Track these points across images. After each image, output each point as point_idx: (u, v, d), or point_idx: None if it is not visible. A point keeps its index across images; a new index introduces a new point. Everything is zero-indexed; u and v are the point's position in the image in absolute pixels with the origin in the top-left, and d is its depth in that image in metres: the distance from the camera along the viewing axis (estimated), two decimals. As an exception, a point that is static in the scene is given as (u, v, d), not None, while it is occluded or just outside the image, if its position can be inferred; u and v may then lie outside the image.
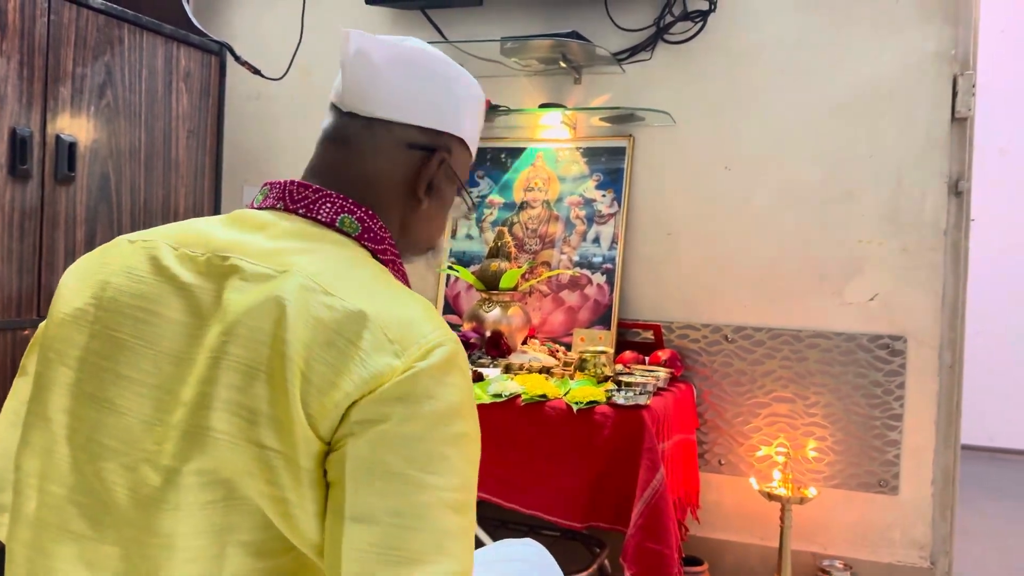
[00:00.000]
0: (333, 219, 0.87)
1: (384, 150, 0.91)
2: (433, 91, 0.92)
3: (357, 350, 0.70)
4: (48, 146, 1.91)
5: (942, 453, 2.22)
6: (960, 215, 2.22)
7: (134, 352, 0.78)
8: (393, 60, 0.91)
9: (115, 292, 0.81)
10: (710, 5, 2.36)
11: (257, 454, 0.70)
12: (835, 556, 2.26)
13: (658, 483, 1.74)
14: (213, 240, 0.82)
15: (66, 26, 1.93)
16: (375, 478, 0.68)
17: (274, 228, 0.84)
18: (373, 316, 0.72)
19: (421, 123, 0.91)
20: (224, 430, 0.71)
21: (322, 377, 0.69)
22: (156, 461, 0.73)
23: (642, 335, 2.41)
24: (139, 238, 0.85)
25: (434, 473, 0.69)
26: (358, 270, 0.80)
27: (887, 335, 2.23)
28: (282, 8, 2.84)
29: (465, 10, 2.60)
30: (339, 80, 0.93)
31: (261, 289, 0.74)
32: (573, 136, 2.52)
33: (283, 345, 0.70)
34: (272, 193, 0.89)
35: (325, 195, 0.87)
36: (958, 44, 2.19)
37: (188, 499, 0.71)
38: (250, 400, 0.71)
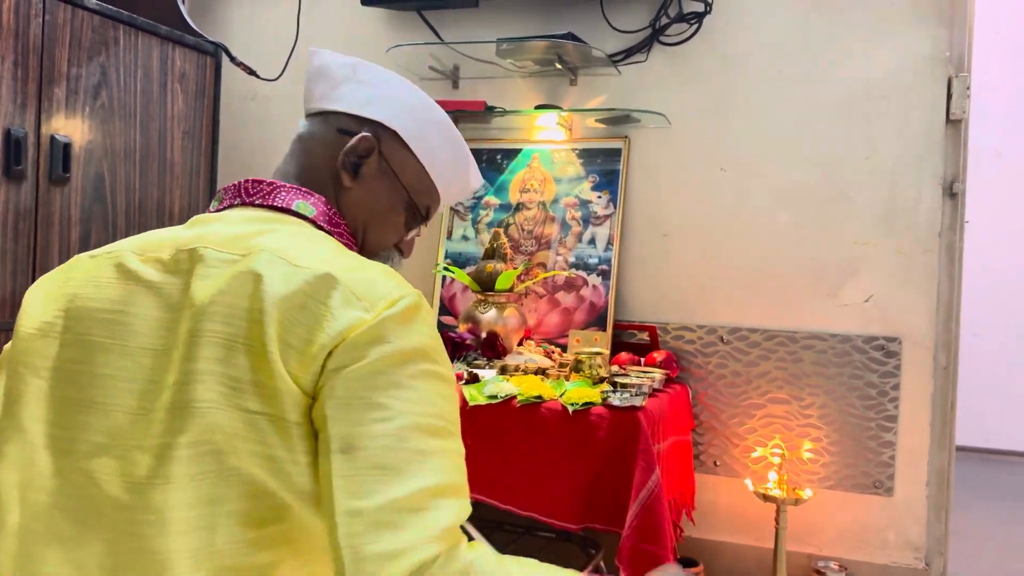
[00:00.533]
0: (289, 204, 0.93)
1: (323, 138, 0.99)
2: (369, 88, 1.00)
3: (328, 308, 0.75)
4: (43, 147, 1.91)
5: (937, 454, 2.23)
6: (955, 217, 2.23)
7: (110, 352, 0.81)
8: (345, 66, 1.00)
9: (83, 302, 0.85)
10: (706, 7, 2.36)
11: (244, 418, 0.74)
12: (830, 557, 2.26)
13: (653, 484, 1.74)
14: (176, 240, 0.86)
15: (61, 26, 1.93)
16: (352, 410, 0.73)
17: (232, 217, 0.90)
18: (340, 278, 0.77)
19: (351, 110, 0.99)
20: (210, 399, 0.74)
21: (299, 338, 0.74)
22: (144, 444, 0.76)
23: (638, 336, 2.41)
24: (101, 252, 0.90)
25: (407, 400, 0.74)
26: (319, 244, 0.85)
27: (882, 336, 2.23)
28: (278, 9, 2.84)
29: (461, 11, 2.60)
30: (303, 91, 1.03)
31: (230, 270, 0.79)
32: (569, 137, 2.52)
33: (260, 315, 0.75)
34: (227, 195, 0.95)
35: (279, 186, 0.94)
36: (953, 46, 2.20)
37: (179, 471, 0.74)
38: (232, 370, 0.75)
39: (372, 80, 1.01)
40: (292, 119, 2.83)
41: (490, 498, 1.85)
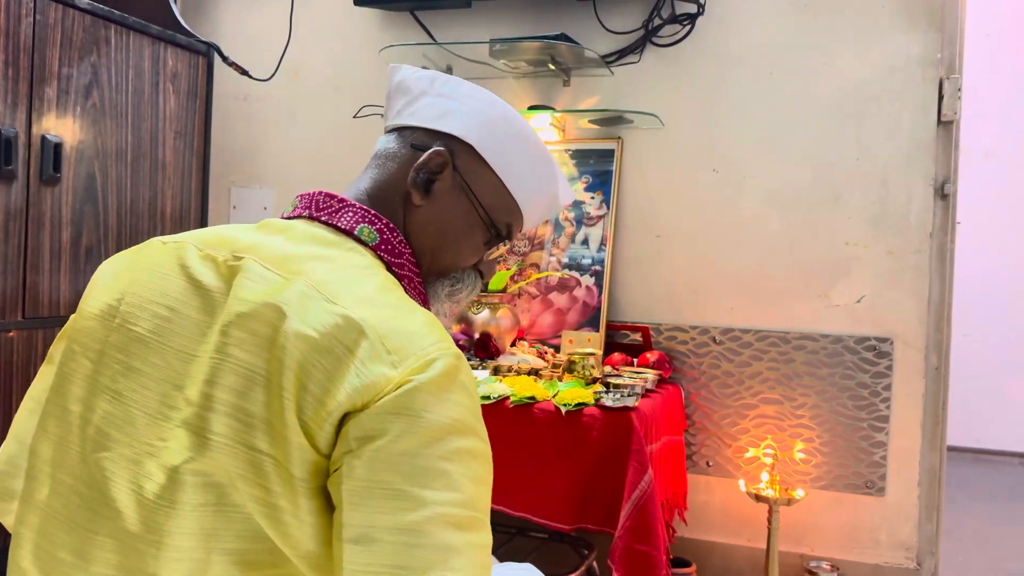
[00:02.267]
0: (353, 227, 0.88)
1: (396, 154, 0.94)
2: (448, 101, 0.95)
3: (353, 358, 0.69)
4: (33, 146, 1.90)
5: (928, 454, 2.24)
6: (946, 218, 2.23)
7: (147, 346, 0.79)
8: (419, 78, 0.97)
9: (140, 288, 0.83)
10: (698, 8, 2.36)
11: (250, 457, 0.70)
12: (822, 557, 2.27)
13: (646, 485, 1.74)
14: (236, 243, 0.83)
15: (52, 26, 1.92)
16: (373, 498, 0.67)
17: (295, 231, 0.85)
18: (373, 325, 0.71)
19: (425, 124, 0.94)
20: (221, 432, 0.71)
21: (318, 384, 0.69)
22: (161, 458, 0.74)
23: (630, 337, 2.41)
24: (171, 240, 0.88)
25: (433, 489, 0.68)
26: (367, 280, 0.79)
27: (873, 337, 2.24)
28: (270, 9, 2.83)
29: (454, 12, 2.60)
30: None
31: (263, 292, 0.75)
32: (562, 138, 2.53)
33: (281, 352, 0.71)
34: (301, 203, 0.91)
35: (348, 205, 0.89)
36: (944, 48, 2.21)
37: (183, 498, 0.72)
38: (247, 403, 0.71)
39: (450, 92, 0.96)
40: (284, 119, 2.83)
41: (483, 499, 1.84)
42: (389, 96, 0.99)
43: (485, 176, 0.95)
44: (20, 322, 1.90)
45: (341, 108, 2.71)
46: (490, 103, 0.97)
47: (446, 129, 0.93)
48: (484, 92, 0.98)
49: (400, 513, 0.67)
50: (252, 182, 2.87)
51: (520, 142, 0.98)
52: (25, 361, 1.92)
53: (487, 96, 0.97)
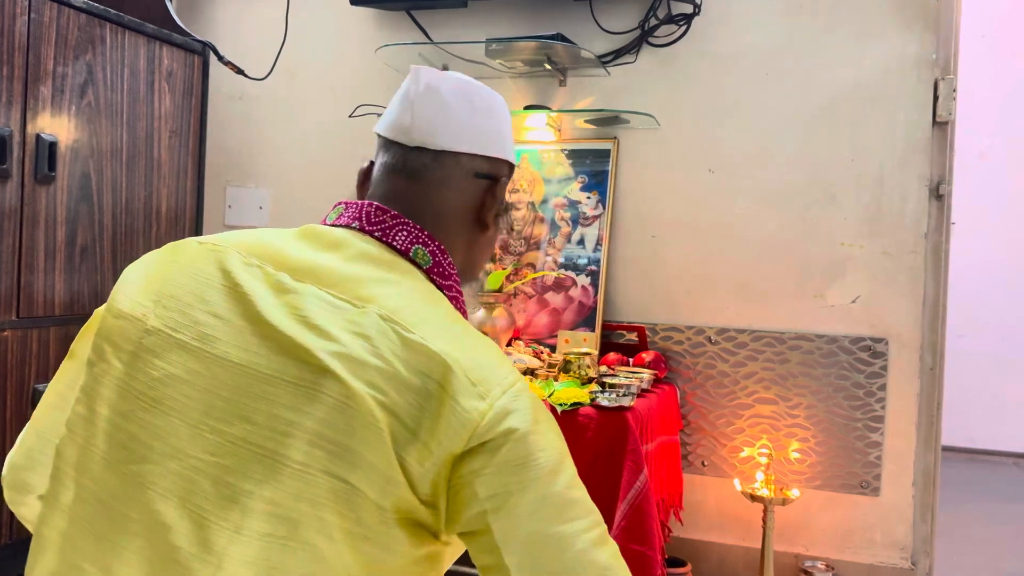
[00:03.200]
0: (408, 248, 0.88)
1: (454, 181, 0.93)
2: (491, 121, 0.96)
3: (447, 395, 0.71)
4: (28, 145, 1.90)
5: (923, 454, 2.24)
6: (941, 218, 2.24)
7: (187, 351, 0.77)
8: (457, 94, 0.94)
9: (177, 290, 0.81)
10: (694, 8, 2.37)
11: (334, 487, 0.70)
12: (817, 557, 2.27)
13: (641, 484, 1.74)
14: (287, 257, 0.82)
15: (47, 25, 1.92)
16: (533, 548, 0.72)
17: (349, 249, 0.84)
18: (456, 358, 0.73)
19: (486, 152, 0.94)
20: (302, 461, 0.70)
21: (415, 421, 0.71)
22: (219, 476, 0.72)
23: (626, 337, 2.42)
24: (209, 241, 0.86)
25: (575, 519, 0.73)
26: (434, 307, 0.80)
27: (869, 337, 2.25)
28: (266, 8, 2.83)
29: (450, 12, 2.59)
30: (399, 114, 0.94)
31: (342, 319, 0.75)
32: (558, 138, 2.53)
33: (367, 386, 0.71)
34: (347, 212, 0.90)
35: (402, 222, 0.88)
36: (939, 49, 2.21)
37: (251, 525, 0.70)
38: (333, 432, 0.71)
39: (487, 109, 0.96)
40: (280, 119, 2.83)
41: (478, 499, 1.85)
42: (415, 106, 0.93)
43: (508, 181, 1.00)
44: (15, 321, 1.90)
45: (337, 107, 2.71)
46: (503, 106, 0.99)
47: (502, 156, 0.96)
48: (499, 97, 0.99)
49: (559, 553, 0.72)
50: (247, 181, 2.87)
51: (510, 127, 1.01)
52: (19, 361, 1.91)
53: (500, 100, 0.99)
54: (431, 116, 0.92)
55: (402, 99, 0.94)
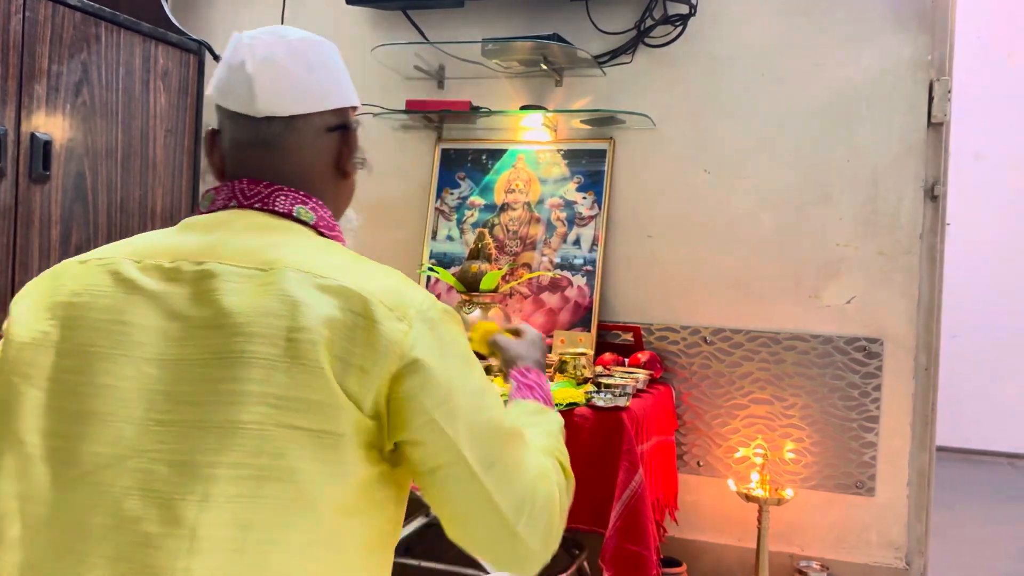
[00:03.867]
0: (290, 209, 0.92)
1: (309, 141, 0.96)
2: (329, 74, 0.99)
3: (371, 323, 0.79)
4: (23, 144, 1.89)
5: (917, 455, 2.25)
6: (936, 219, 2.24)
7: (112, 361, 0.80)
8: (292, 56, 0.95)
9: (79, 310, 0.83)
10: (690, 9, 2.37)
11: (288, 435, 0.75)
12: (812, 557, 2.28)
13: (637, 484, 1.74)
14: (179, 248, 0.86)
15: (42, 23, 1.91)
16: (477, 436, 0.83)
17: (236, 223, 0.89)
18: (371, 291, 0.81)
19: (332, 105, 0.98)
20: (255, 420, 0.75)
21: (345, 351, 0.78)
22: (175, 459, 0.75)
23: (622, 337, 2.42)
24: (92, 257, 0.88)
25: (495, 402, 0.88)
26: (334, 254, 0.87)
27: (864, 338, 2.25)
28: (261, 7, 2.83)
29: (446, 11, 2.59)
30: (237, 87, 0.94)
31: (254, 286, 0.80)
32: (554, 138, 2.53)
33: (307, 333, 0.77)
34: (221, 195, 0.93)
35: (277, 188, 0.93)
36: (934, 50, 2.22)
37: (217, 491, 0.74)
38: (277, 388, 0.76)
39: (322, 62, 0.98)
40: (276, 118, 2.82)
41: (474, 499, 1.84)
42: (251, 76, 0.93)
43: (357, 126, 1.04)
44: (9, 321, 1.89)
45: (333, 107, 2.71)
46: (334, 51, 1.01)
47: (347, 103, 1.00)
48: (328, 43, 1.01)
49: (496, 434, 0.86)
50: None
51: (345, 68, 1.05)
52: (14, 360, 1.90)
53: (333, 50, 1.02)
54: (273, 85, 0.94)
55: (237, 70, 0.94)
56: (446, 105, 2.48)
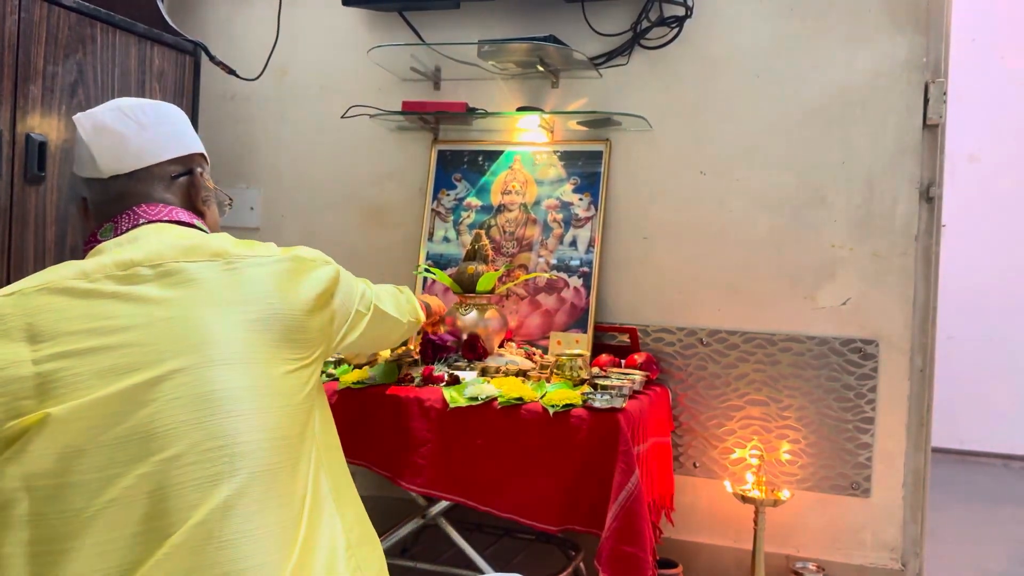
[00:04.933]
0: (192, 222, 1.14)
1: (156, 187, 1.13)
2: (163, 128, 1.14)
3: (311, 271, 1.12)
4: (18, 145, 1.89)
5: (913, 456, 2.25)
6: (931, 221, 2.25)
7: (100, 353, 0.91)
8: (122, 119, 1.11)
9: (45, 327, 0.92)
10: (686, 11, 2.37)
11: (285, 367, 1.03)
12: (808, 558, 2.28)
13: (633, 486, 1.74)
14: (121, 260, 0.99)
15: (37, 24, 1.91)
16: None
17: (158, 234, 1.06)
18: (291, 254, 1.11)
19: (170, 156, 1.14)
20: (261, 355, 1.00)
21: (299, 292, 1.08)
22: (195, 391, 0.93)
23: (618, 338, 2.42)
24: (22, 287, 0.98)
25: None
26: (254, 245, 1.09)
27: (859, 339, 2.25)
28: (257, 8, 2.82)
29: (442, 13, 2.59)
30: (84, 157, 1.11)
31: (222, 272, 1.01)
32: (550, 140, 2.53)
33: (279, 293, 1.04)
34: (123, 222, 1.09)
35: (173, 208, 1.13)
36: (929, 52, 2.22)
37: (240, 408, 0.97)
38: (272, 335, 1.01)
39: (154, 120, 1.14)
40: (271, 119, 2.82)
41: (470, 500, 1.84)
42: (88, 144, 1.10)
43: (205, 166, 1.24)
44: (3, 322, 1.88)
45: (329, 108, 2.71)
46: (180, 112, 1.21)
47: (188, 152, 1.18)
48: (168, 107, 1.19)
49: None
50: (239, 182, 2.86)
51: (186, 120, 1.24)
52: (8, 361, 1.90)
53: (164, 105, 1.19)
54: (109, 148, 1.09)
55: (79, 143, 1.11)
56: (442, 106, 2.48)
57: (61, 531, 0.84)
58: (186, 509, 0.86)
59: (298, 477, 0.97)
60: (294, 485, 0.96)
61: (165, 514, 0.85)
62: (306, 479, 0.99)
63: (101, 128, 1.09)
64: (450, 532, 2.00)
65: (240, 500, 0.88)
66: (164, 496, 0.86)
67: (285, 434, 0.96)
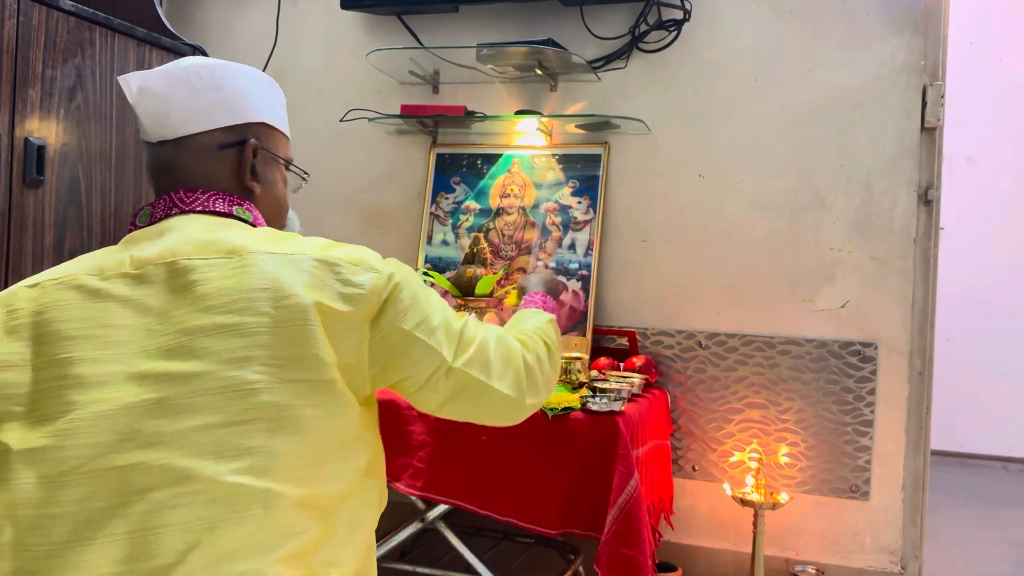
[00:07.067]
0: (230, 210, 1.02)
1: (202, 159, 1.03)
2: (219, 94, 1.04)
3: (337, 279, 0.92)
4: (16, 149, 1.88)
5: (912, 459, 2.25)
6: (929, 223, 2.25)
7: (96, 364, 0.86)
8: (172, 82, 1.02)
9: (49, 327, 0.88)
10: (684, 15, 2.38)
11: (294, 388, 0.86)
12: (807, 561, 2.28)
13: (632, 489, 1.74)
14: (138, 256, 0.93)
15: (35, 28, 1.91)
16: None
17: (184, 226, 0.97)
18: (325, 256, 0.93)
19: (221, 124, 1.04)
20: (262, 380, 0.85)
21: (330, 308, 0.90)
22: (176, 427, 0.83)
23: (617, 341, 2.42)
24: (43, 279, 0.94)
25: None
26: (287, 239, 0.97)
27: (858, 342, 2.25)
28: (256, 12, 2.83)
29: (440, 16, 2.60)
30: (138, 118, 1.05)
31: (233, 272, 0.90)
32: (549, 143, 2.53)
33: (289, 299, 0.88)
34: (158, 208, 1.01)
35: (213, 194, 1.02)
36: (927, 55, 2.22)
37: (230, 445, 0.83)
38: (274, 351, 0.86)
39: (211, 84, 1.03)
40: (271, 123, 2.82)
41: (468, 503, 1.84)
42: (135, 107, 1.03)
43: (278, 138, 1.11)
44: (2, 326, 1.88)
45: (327, 111, 2.71)
46: (252, 76, 1.09)
47: (243, 120, 1.05)
48: (240, 67, 1.08)
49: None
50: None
51: (273, 91, 1.12)
52: (7, 365, 1.89)
53: (245, 70, 1.08)
54: (154, 112, 1.02)
55: (132, 107, 1.04)
56: (441, 110, 2.48)
57: (41, 564, 0.80)
58: (170, 554, 0.79)
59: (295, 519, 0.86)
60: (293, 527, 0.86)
61: (147, 557, 0.79)
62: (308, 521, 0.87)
63: (145, 90, 1.01)
64: (449, 536, 2.00)
65: (230, 544, 0.81)
66: (145, 539, 0.79)
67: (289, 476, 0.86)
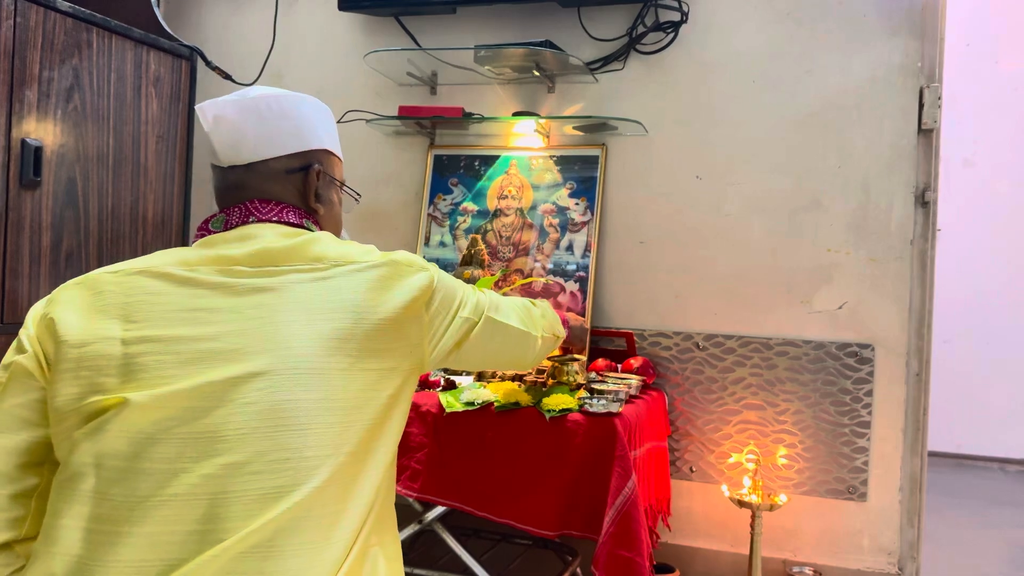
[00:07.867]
0: (301, 222, 1.12)
1: (271, 181, 1.13)
2: (286, 123, 1.13)
3: (403, 279, 1.06)
4: (13, 150, 1.88)
5: (909, 460, 2.25)
6: (926, 225, 2.25)
7: (195, 341, 0.94)
8: (244, 112, 1.11)
9: (141, 309, 0.96)
10: (682, 16, 2.38)
11: (366, 376, 0.99)
12: (805, 562, 2.28)
13: (629, 490, 1.74)
14: (224, 256, 1.02)
15: (33, 29, 1.91)
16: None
17: (264, 233, 1.06)
18: (389, 259, 1.06)
19: (287, 151, 1.13)
20: (342, 367, 0.97)
21: (397, 302, 1.04)
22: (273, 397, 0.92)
23: (615, 343, 2.42)
24: (125, 268, 1.01)
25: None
26: (351, 245, 1.08)
27: (855, 343, 2.26)
28: (254, 13, 2.83)
29: (438, 18, 2.60)
30: (209, 147, 1.13)
31: (318, 279, 1.01)
32: (546, 144, 2.53)
33: (367, 299, 1.01)
34: (234, 215, 1.10)
35: (286, 206, 1.12)
36: (924, 57, 2.23)
37: (316, 422, 0.94)
38: (355, 343, 0.98)
39: (279, 114, 1.12)
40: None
41: (466, 505, 1.84)
42: (210, 135, 1.12)
43: (334, 161, 1.21)
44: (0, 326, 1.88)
45: (325, 113, 2.70)
46: (314, 106, 1.18)
47: (308, 148, 1.15)
48: (302, 97, 1.17)
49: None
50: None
51: (330, 118, 1.22)
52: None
53: (307, 99, 1.18)
54: (227, 140, 1.11)
55: (205, 133, 1.13)
56: (439, 111, 2.48)
57: (121, 515, 0.86)
58: (243, 518, 0.86)
59: (356, 494, 0.97)
60: (351, 503, 0.96)
61: (221, 519, 0.87)
62: (365, 498, 0.98)
63: (220, 119, 1.11)
64: (446, 538, 2.00)
65: (295, 515, 0.89)
66: (224, 501, 0.87)
67: (351, 450, 0.96)
